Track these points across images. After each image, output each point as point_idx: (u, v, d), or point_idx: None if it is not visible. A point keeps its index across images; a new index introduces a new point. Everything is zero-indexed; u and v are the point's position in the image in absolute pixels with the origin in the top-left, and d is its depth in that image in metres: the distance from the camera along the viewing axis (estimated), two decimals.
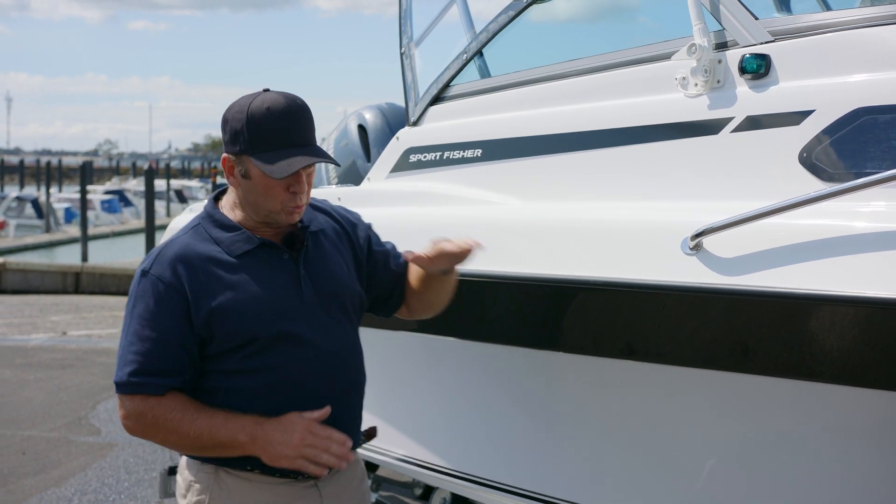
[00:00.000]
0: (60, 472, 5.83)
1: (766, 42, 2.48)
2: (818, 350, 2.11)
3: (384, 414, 3.15)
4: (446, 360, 3.15)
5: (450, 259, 2.27)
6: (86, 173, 24.32)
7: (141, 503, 5.33)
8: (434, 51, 3.78)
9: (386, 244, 2.53)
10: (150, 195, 18.93)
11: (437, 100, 3.49)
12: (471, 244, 2.25)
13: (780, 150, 2.33)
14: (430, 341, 2.90)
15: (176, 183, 49.37)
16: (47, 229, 30.59)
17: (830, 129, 2.26)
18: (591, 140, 2.80)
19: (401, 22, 3.83)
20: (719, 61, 2.52)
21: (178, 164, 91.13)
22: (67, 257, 23.71)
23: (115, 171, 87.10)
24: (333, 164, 2.26)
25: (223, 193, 2.36)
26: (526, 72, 3.20)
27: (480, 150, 3.18)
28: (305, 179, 2.21)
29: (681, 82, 2.59)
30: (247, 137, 2.17)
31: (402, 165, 3.51)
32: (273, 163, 2.14)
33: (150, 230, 17.72)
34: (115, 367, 2.22)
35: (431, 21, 3.83)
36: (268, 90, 2.23)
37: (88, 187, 25.60)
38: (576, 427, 2.81)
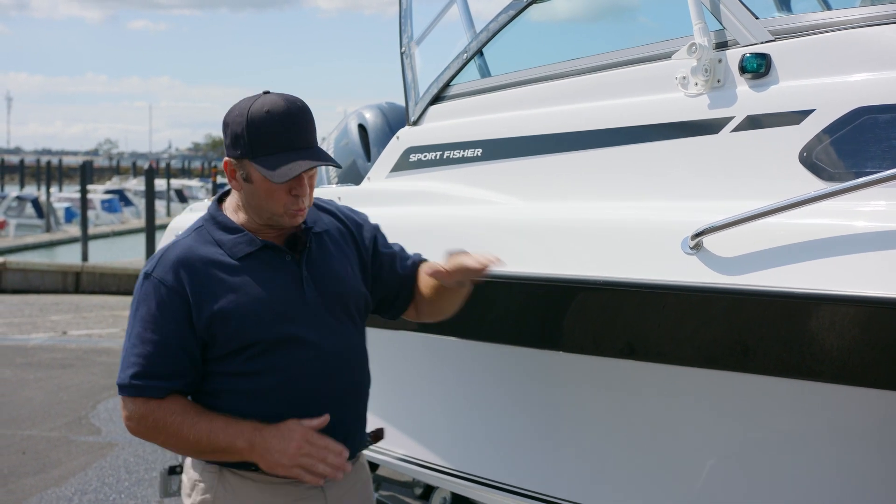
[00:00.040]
0: (60, 471, 5.83)
1: (766, 41, 2.48)
2: (818, 350, 2.11)
3: (385, 413, 3.15)
4: (447, 359, 3.15)
5: (468, 273, 2.23)
6: (86, 173, 24.32)
7: (141, 502, 5.33)
8: (434, 50, 3.78)
9: (393, 246, 2.52)
10: (150, 195, 18.93)
11: (437, 99, 3.49)
12: (491, 260, 2.21)
13: (781, 150, 2.33)
14: (431, 341, 2.90)
15: (176, 182, 49.36)
16: (47, 229, 30.59)
17: (831, 129, 2.26)
18: (592, 139, 2.80)
19: (401, 21, 3.84)
20: (719, 61, 2.52)
21: (178, 164, 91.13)
22: (68, 257, 23.72)
23: (116, 170, 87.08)
24: (335, 166, 2.25)
25: (227, 195, 2.36)
26: (526, 71, 3.19)
27: (481, 150, 3.18)
28: (307, 182, 2.20)
29: (681, 82, 2.59)
30: (247, 141, 2.16)
31: (403, 165, 3.51)
32: (274, 167, 2.13)
33: (151, 230, 17.72)
34: (119, 369, 2.23)
35: (432, 20, 3.83)
36: (268, 92, 2.23)
37: (89, 187, 25.60)
38: (576, 427, 2.81)
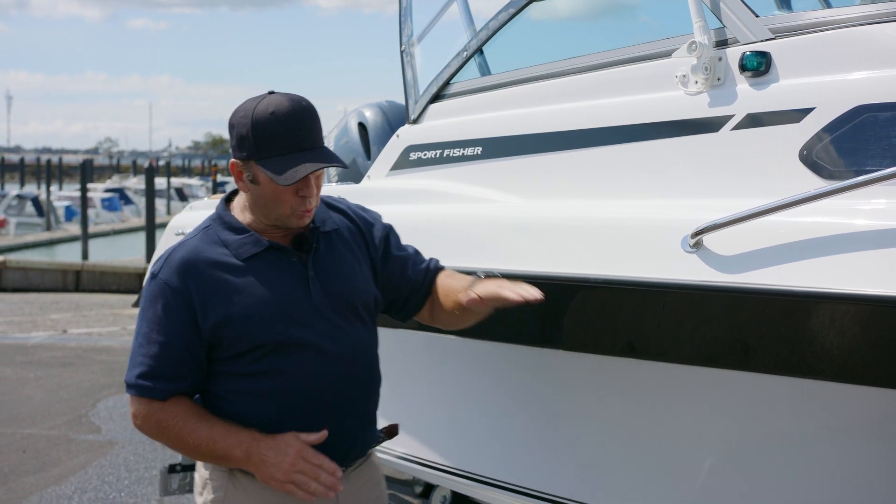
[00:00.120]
0: (61, 470, 5.83)
1: (766, 39, 2.47)
2: (818, 348, 2.11)
3: (385, 412, 3.15)
4: (447, 357, 3.15)
5: (504, 303, 2.18)
6: (86, 171, 24.33)
7: (141, 501, 5.33)
8: (434, 49, 3.78)
9: (407, 248, 2.50)
10: (150, 193, 18.95)
11: (437, 97, 3.49)
12: (537, 297, 2.12)
13: (781, 148, 2.33)
14: (431, 339, 2.90)
15: (176, 181, 49.35)
16: (48, 227, 30.61)
17: (831, 127, 2.25)
18: (592, 138, 2.80)
19: (401, 20, 3.83)
20: (720, 59, 2.52)
21: (178, 163, 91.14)
22: (68, 255, 23.73)
23: (116, 169, 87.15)
24: (342, 166, 2.24)
25: (235, 194, 2.35)
26: (526, 69, 3.19)
27: (480, 148, 3.18)
28: (314, 182, 2.19)
29: (681, 80, 2.59)
30: (252, 143, 2.15)
31: (403, 163, 3.51)
32: (280, 169, 2.12)
33: (151, 228, 17.74)
34: (127, 366, 2.24)
35: (432, 19, 3.83)
36: (273, 92, 2.21)
37: (89, 185, 25.62)
38: (576, 425, 2.81)
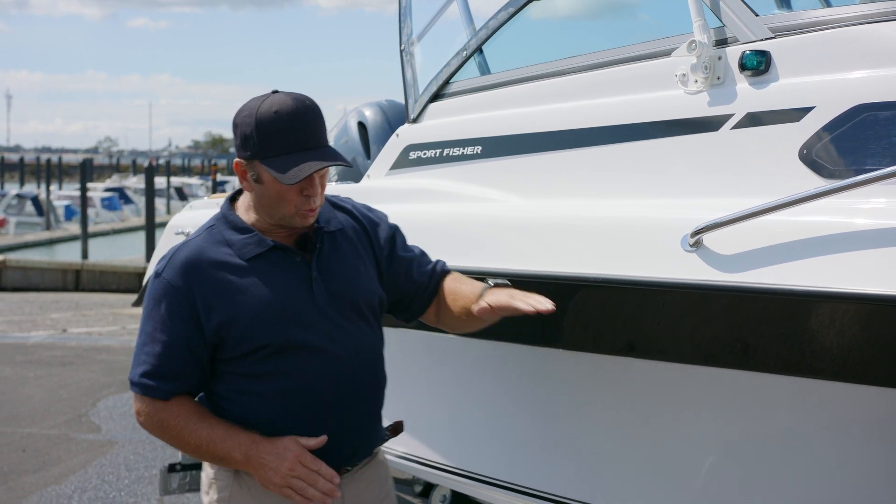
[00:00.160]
0: (60, 469, 5.83)
1: (766, 38, 2.47)
2: (818, 347, 2.11)
3: (384, 411, 3.15)
4: (447, 356, 3.15)
5: (515, 313, 2.20)
6: (86, 171, 24.34)
7: (141, 500, 5.33)
8: (434, 48, 3.77)
9: (413, 249, 2.50)
10: (150, 193, 18.95)
11: (436, 97, 3.49)
12: (549, 308, 2.14)
13: (780, 147, 2.33)
14: (431, 338, 2.90)
15: (176, 180, 49.38)
16: (47, 227, 30.62)
17: (830, 126, 2.25)
18: (591, 137, 2.80)
19: (400, 19, 3.83)
20: (719, 58, 2.52)
21: (178, 162, 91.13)
22: (68, 255, 23.74)
23: (116, 168, 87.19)
24: (346, 165, 2.23)
25: (240, 194, 2.35)
26: (526, 69, 3.19)
27: (480, 147, 3.18)
28: (318, 182, 2.19)
29: (681, 79, 2.59)
30: (256, 142, 2.15)
31: (402, 162, 3.51)
32: (284, 168, 2.12)
33: (151, 228, 17.74)
34: (131, 363, 2.25)
35: (431, 18, 3.83)
36: (277, 91, 2.21)
37: (88, 185, 25.62)
38: (576, 424, 2.81)
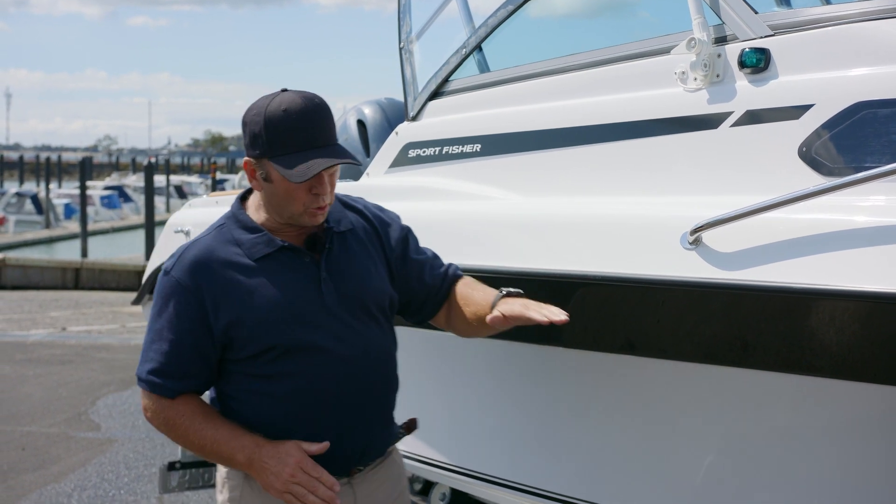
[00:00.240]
0: (60, 467, 5.83)
1: (765, 36, 2.47)
2: (818, 345, 2.11)
3: None
4: (446, 355, 3.15)
5: (528, 323, 2.20)
6: (85, 169, 24.34)
7: (141, 498, 5.33)
8: (433, 46, 3.77)
9: (426, 252, 2.49)
10: (149, 191, 18.95)
11: (436, 95, 3.49)
12: (563, 319, 2.14)
13: (780, 145, 2.32)
14: (430, 336, 2.90)
15: (175, 179, 49.41)
16: (47, 225, 30.63)
17: (830, 124, 2.25)
18: (591, 135, 2.80)
19: (400, 17, 3.83)
20: (718, 55, 2.52)
21: (177, 160, 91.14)
22: (67, 253, 23.73)
23: (115, 166, 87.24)
24: (354, 163, 2.23)
25: (250, 193, 2.35)
26: (525, 67, 3.19)
27: (479, 145, 3.17)
28: (328, 180, 2.19)
29: (680, 77, 2.58)
30: (265, 141, 2.15)
31: (401, 160, 3.51)
32: (293, 166, 2.11)
33: (150, 226, 17.73)
34: (139, 359, 2.26)
35: (430, 16, 3.82)
36: (286, 90, 2.21)
37: (88, 183, 25.61)
38: (575, 422, 2.81)
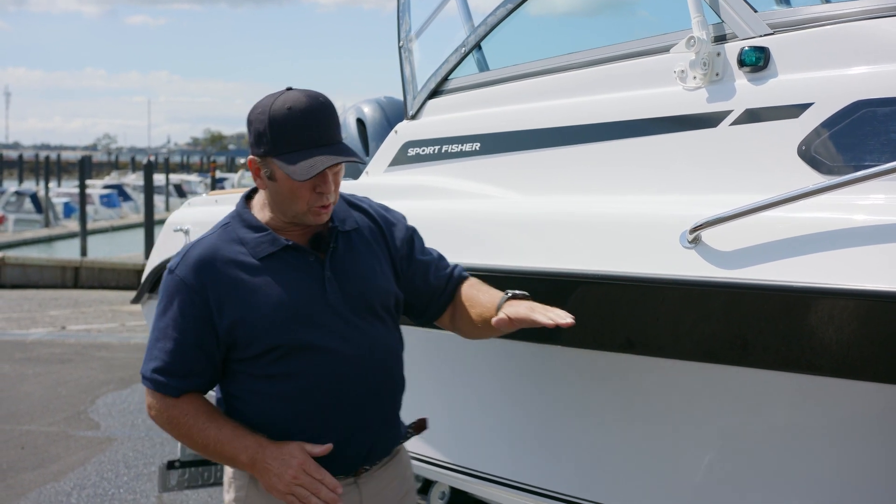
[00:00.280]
0: (59, 466, 5.83)
1: (764, 35, 2.47)
2: (817, 343, 2.10)
3: None
4: (445, 354, 3.15)
5: (534, 325, 2.20)
6: (85, 168, 24.35)
7: (140, 497, 5.33)
8: (432, 44, 3.77)
9: (431, 253, 2.49)
10: (149, 190, 18.95)
11: (435, 93, 3.48)
12: (569, 322, 2.14)
13: (779, 143, 2.32)
14: (429, 335, 2.90)
15: (175, 177, 49.41)
16: (46, 224, 30.61)
17: (829, 122, 2.25)
18: (590, 133, 2.80)
19: (399, 15, 3.83)
20: (718, 54, 2.52)
21: (177, 159, 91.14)
22: (66, 252, 23.71)
23: (114, 165, 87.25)
24: (358, 162, 2.23)
25: (255, 192, 2.35)
26: (524, 65, 3.19)
27: (479, 144, 3.17)
28: (332, 179, 2.19)
29: (679, 75, 2.58)
30: (270, 139, 2.15)
31: (401, 159, 3.51)
32: (296, 164, 2.11)
33: (150, 225, 17.73)
34: (144, 358, 2.26)
35: (430, 14, 3.82)
36: (291, 89, 2.21)
37: (87, 182, 25.60)
38: (575, 421, 2.81)
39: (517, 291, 2.33)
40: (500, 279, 2.55)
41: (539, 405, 2.91)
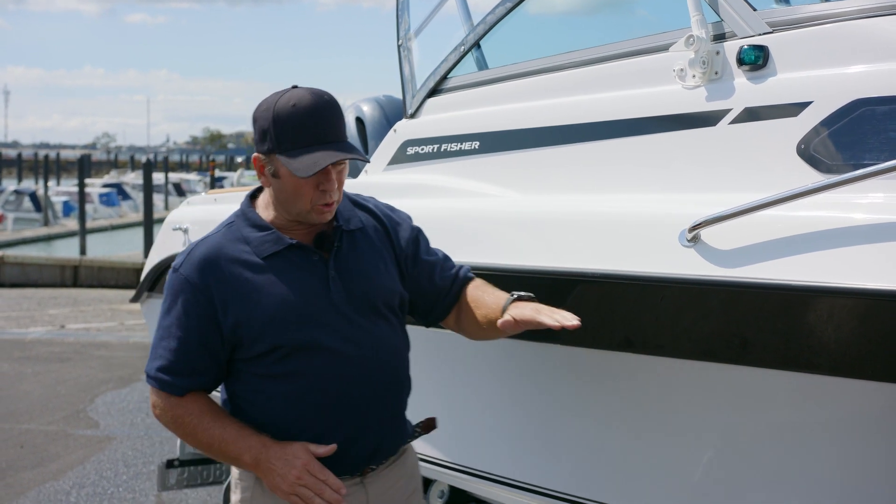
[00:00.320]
0: (59, 465, 5.83)
1: (764, 33, 2.47)
2: (816, 342, 2.11)
3: None
4: (443, 353, 3.15)
5: (540, 327, 2.20)
6: (84, 167, 24.34)
7: (139, 496, 5.34)
8: (431, 43, 3.77)
9: (437, 253, 2.49)
10: (148, 188, 18.95)
11: (434, 92, 3.48)
12: (575, 324, 2.13)
13: (778, 142, 2.32)
14: (429, 334, 2.90)
15: (174, 176, 49.39)
16: (45, 223, 30.58)
17: (828, 121, 2.25)
18: (589, 132, 2.79)
19: (398, 14, 3.82)
20: (717, 53, 2.52)
21: (176, 158, 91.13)
22: (66, 251, 23.69)
23: (114, 164, 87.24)
24: (362, 160, 2.22)
25: (260, 191, 2.35)
26: (523, 64, 3.18)
27: (478, 143, 3.17)
28: (336, 177, 2.19)
29: (678, 74, 2.58)
30: (274, 136, 2.15)
31: (400, 158, 3.50)
32: (300, 161, 2.12)
33: (149, 223, 17.73)
34: (149, 357, 2.27)
35: (429, 13, 3.82)
36: (296, 87, 2.21)
37: (86, 181, 25.58)
38: (574, 420, 2.81)
39: (523, 293, 2.32)
40: (498, 278, 2.55)
41: (539, 404, 2.91)
